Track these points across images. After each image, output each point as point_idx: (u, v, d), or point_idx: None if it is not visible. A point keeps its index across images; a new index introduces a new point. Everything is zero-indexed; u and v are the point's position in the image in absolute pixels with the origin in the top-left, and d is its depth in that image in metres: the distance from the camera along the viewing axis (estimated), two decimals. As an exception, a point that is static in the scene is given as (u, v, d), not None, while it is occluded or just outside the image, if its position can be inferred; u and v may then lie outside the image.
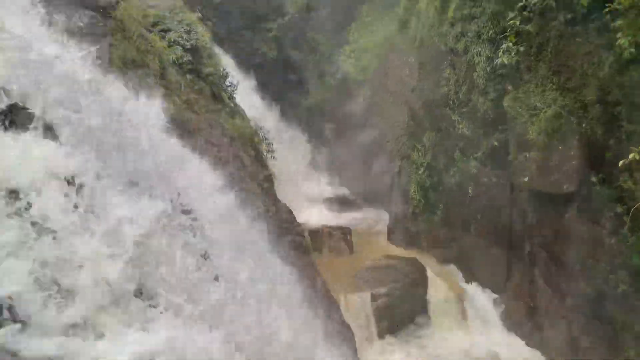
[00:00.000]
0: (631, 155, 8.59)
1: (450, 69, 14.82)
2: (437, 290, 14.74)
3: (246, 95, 20.39)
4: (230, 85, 16.76)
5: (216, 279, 3.41)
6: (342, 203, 22.15)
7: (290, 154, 23.82)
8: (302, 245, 13.25)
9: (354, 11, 25.87)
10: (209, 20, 22.37)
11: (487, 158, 14.15)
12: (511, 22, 10.25)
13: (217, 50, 19.00)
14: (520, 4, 10.44)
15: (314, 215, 19.50)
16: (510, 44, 10.12)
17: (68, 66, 3.95)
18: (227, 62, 19.78)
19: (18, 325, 2.88)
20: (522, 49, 10.36)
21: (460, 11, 14.16)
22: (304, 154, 27.94)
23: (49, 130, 3.16)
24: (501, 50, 10.32)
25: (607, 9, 9.42)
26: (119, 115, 3.93)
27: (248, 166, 14.01)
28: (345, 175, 24.96)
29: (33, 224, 3.13)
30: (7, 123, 3.02)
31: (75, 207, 3.35)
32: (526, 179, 12.36)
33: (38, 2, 8.40)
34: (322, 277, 12.08)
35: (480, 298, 14.69)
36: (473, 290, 14.94)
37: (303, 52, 29.52)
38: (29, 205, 3.16)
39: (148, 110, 5.32)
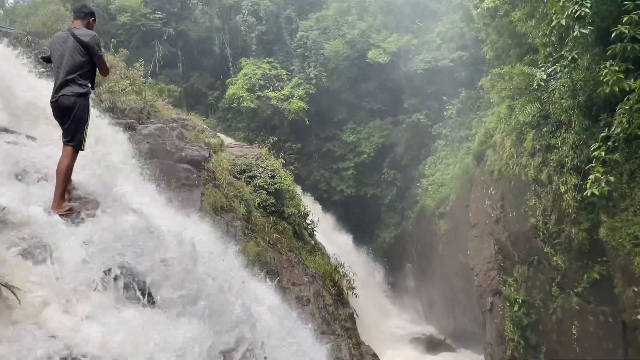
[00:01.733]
0: None
1: (536, 199, 14.32)
2: None
3: (326, 231, 20.80)
4: (310, 223, 17.29)
5: None
6: (430, 344, 20.60)
7: (371, 291, 23.18)
8: (389, 394, 12.21)
9: (429, 146, 26.67)
10: (291, 164, 24.02)
11: (589, 293, 12.86)
12: (596, 152, 9.94)
13: (299, 190, 19.97)
14: (603, 134, 10.19)
15: (400, 358, 18.18)
16: (599, 174, 9.68)
17: (175, 233, 4.16)
18: (307, 201, 20.62)
19: None
20: (612, 178, 9.88)
21: (538, 142, 14.07)
22: (385, 289, 27.12)
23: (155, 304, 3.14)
24: (589, 181, 9.87)
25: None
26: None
27: (329, 305, 13.74)
28: (431, 313, 23.55)
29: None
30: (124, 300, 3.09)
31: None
32: (639, 317, 10.97)
33: (142, 161, 9.48)
34: None
35: None
36: None
37: (380, 187, 30.33)
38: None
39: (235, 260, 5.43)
